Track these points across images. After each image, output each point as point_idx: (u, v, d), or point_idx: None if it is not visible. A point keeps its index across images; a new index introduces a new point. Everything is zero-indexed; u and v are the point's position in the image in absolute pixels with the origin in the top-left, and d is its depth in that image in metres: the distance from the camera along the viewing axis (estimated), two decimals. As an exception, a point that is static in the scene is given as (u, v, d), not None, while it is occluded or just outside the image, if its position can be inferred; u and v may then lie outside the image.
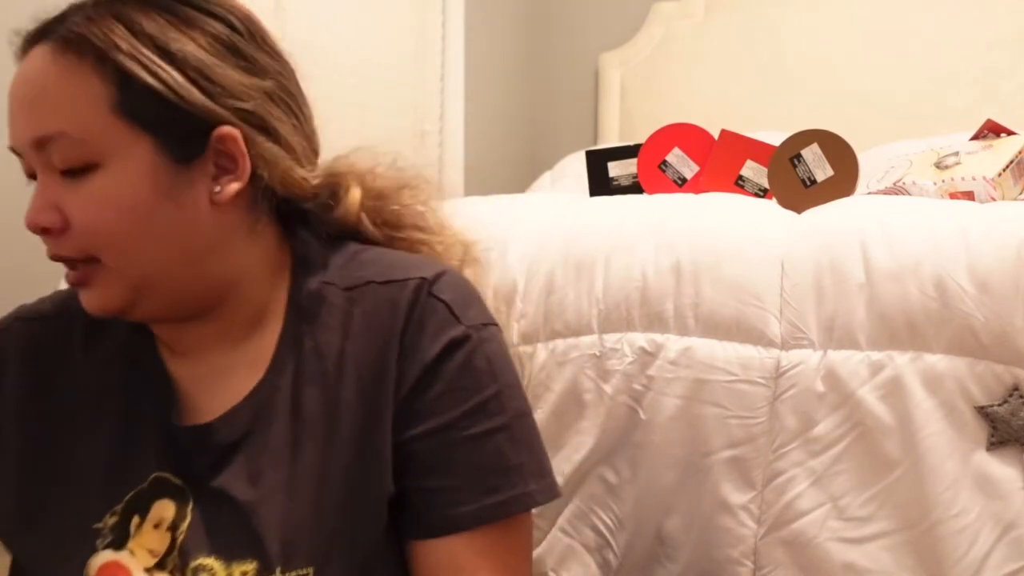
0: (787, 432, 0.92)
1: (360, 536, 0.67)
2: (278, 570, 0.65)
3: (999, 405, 0.86)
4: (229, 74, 0.66)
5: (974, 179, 1.25)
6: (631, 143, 1.57)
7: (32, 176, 0.67)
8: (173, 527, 0.67)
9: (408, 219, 0.79)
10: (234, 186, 0.67)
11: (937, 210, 0.99)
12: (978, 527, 0.86)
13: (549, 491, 0.70)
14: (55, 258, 0.66)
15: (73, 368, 0.73)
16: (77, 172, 0.64)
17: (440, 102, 2.80)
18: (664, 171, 1.43)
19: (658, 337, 0.99)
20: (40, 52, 0.65)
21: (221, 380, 0.71)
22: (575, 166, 2.59)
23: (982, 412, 0.87)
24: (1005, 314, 0.86)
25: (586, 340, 1.03)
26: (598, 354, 1.02)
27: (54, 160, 0.64)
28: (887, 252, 0.92)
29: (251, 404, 0.69)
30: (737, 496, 0.94)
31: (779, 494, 0.92)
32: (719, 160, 1.38)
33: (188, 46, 0.65)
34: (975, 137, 1.41)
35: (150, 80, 0.63)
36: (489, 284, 1.07)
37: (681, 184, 1.42)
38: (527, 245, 1.11)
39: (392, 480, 0.67)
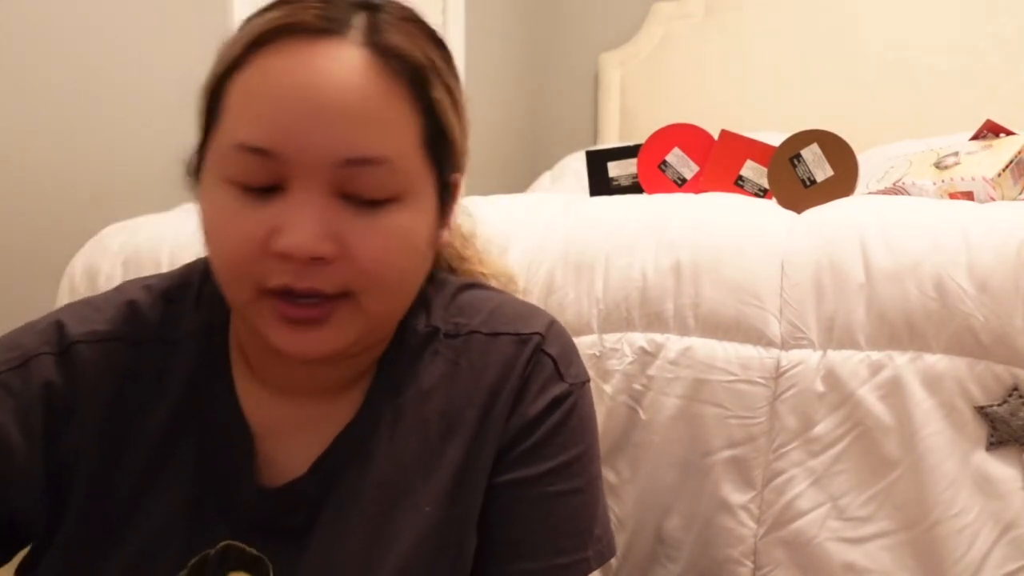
0: (787, 432, 0.92)
1: None
2: None
3: (999, 405, 0.86)
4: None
5: (974, 179, 1.25)
6: (631, 143, 1.57)
7: (254, 186, 0.56)
8: None
9: (467, 250, 0.78)
10: (447, 232, 0.65)
11: (937, 210, 0.99)
12: (978, 527, 0.86)
13: (605, 554, 0.69)
14: (303, 292, 0.56)
15: (149, 401, 0.64)
16: (378, 203, 0.57)
17: (440, 102, 2.80)
18: (664, 171, 1.43)
19: (658, 337, 0.99)
20: (349, 55, 0.56)
21: (307, 424, 0.65)
22: (575, 166, 2.59)
23: (982, 412, 0.87)
24: (1005, 314, 0.86)
25: (586, 340, 1.03)
26: (598, 354, 1.02)
27: (360, 185, 0.56)
28: (887, 252, 0.92)
29: (344, 447, 0.64)
30: (737, 496, 0.94)
31: (779, 494, 0.92)
32: (719, 160, 1.38)
33: (458, 86, 0.62)
34: (975, 137, 1.41)
35: (451, 118, 0.60)
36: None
37: (681, 184, 1.42)
38: (527, 245, 1.11)
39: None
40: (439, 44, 0.62)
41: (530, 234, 1.13)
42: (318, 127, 0.55)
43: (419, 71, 0.59)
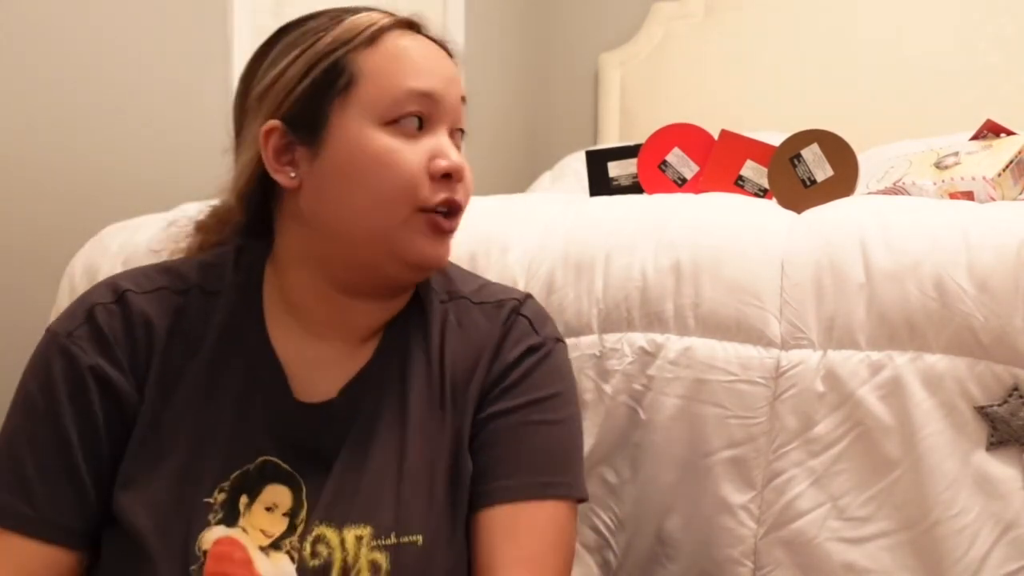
0: (787, 432, 0.92)
1: (458, 512, 0.77)
2: (393, 534, 0.73)
3: (999, 405, 0.86)
4: None
5: (974, 179, 1.25)
6: (631, 143, 1.57)
7: (421, 123, 0.76)
8: (291, 514, 0.73)
9: None
10: None
11: (937, 210, 0.99)
12: (978, 527, 0.86)
13: (578, 490, 0.81)
14: (449, 203, 0.77)
15: (199, 341, 0.77)
16: (460, 135, 0.81)
17: (440, 102, 2.80)
18: (664, 171, 1.43)
19: (658, 337, 0.99)
20: (430, 41, 0.81)
21: (331, 362, 0.79)
22: (575, 166, 2.59)
23: (982, 412, 0.87)
24: (1005, 314, 0.86)
25: (586, 340, 1.03)
26: (598, 354, 1.02)
27: (463, 119, 0.80)
28: (887, 252, 0.92)
29: (364, 381, 0.79)
30: (737, 496, 0.94)
31: (779, 494, 0.92)
32: (719, 160, 1.38)
33: None
34: (975, 137, 1.41)
35: None
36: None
37: (681, 184, 1.42)
38: (527, 245, 1.11)
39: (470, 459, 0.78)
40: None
41: (530, 234, 1.13)
42: (453, 79, 0.79)
43: (453, 59, 0.83)
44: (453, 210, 0.77)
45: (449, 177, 0.76)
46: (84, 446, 0.73)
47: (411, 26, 0.80)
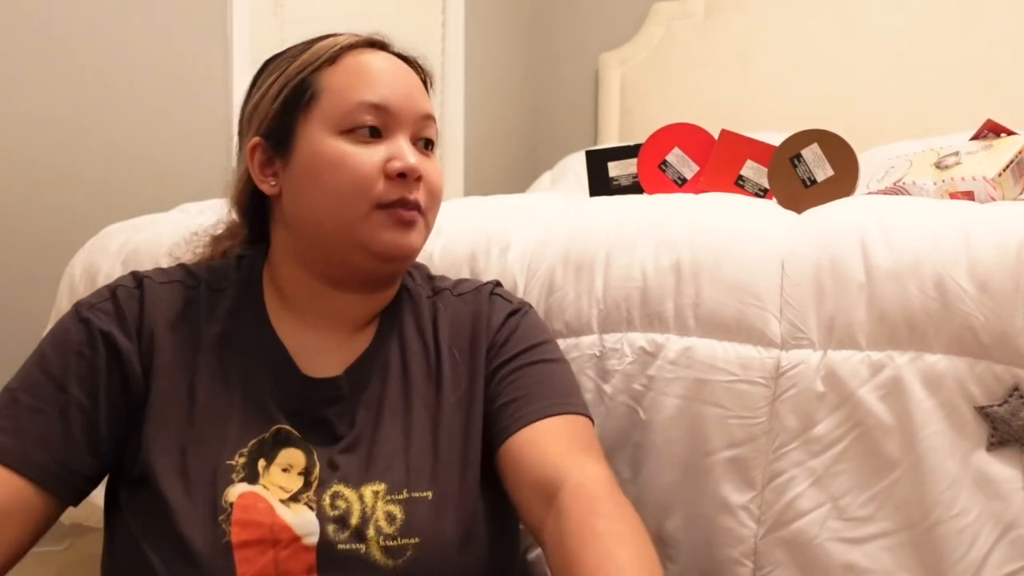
0: (787, 432, 0.92)
1: (468, 471, 0.85)
2: (405, 490, 0.81)
3: (999, 405, 0.86)
4: None
5: (974, 179, 1.25)
6: (631, 143, 1.57)
7: (375, 132, 0.84)
8: (306, 472, 0.81)
9: None
10: None
11: (937, 210, 0.99)
12: (978, 527, 0.86)
13: (588, 414, 0.89)
14: (406, 202, 0.84)
15: (209, 326, 0.85)
16: (430, 150, 0.89)
17: (440, 102, 2.80)
18: (664, 171, 1.43)
19: (658, 337, 0.99)
20: (397, 60, 0.90)
21: (331, 350, 0.87)
22: (575, 166, 2.59)
23: (982, 412, 0.87)
24: (1005, 314, 0.86)
25: (586, 340, 1.03)
26: (598, 354, 1.02)
27: (426, 133, 0.88)
28: (887, 252, 0.92)
29: (367, 363, 0.87)
30: (737, 496, 0.94)
31: (779, 494, 0.92)
32: (719, 160, 1.38)
33: None
34: (975, 137, 1.41)
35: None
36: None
37: (681, 184, 1.42)
38: (527, 245, 1.11)
39: (483, 414, 0.87)
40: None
41: (530, 234, 1.13)
42: (410, 94, 0.87)
43: (428, 76, 0.94)
44: (412, 207, 0.84)
45: (405, 177, 0.83)
46: (81, 397, 0.79)
47: (374, 45, 0.90)
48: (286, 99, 0.86)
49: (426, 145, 0.88)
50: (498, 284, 0.98)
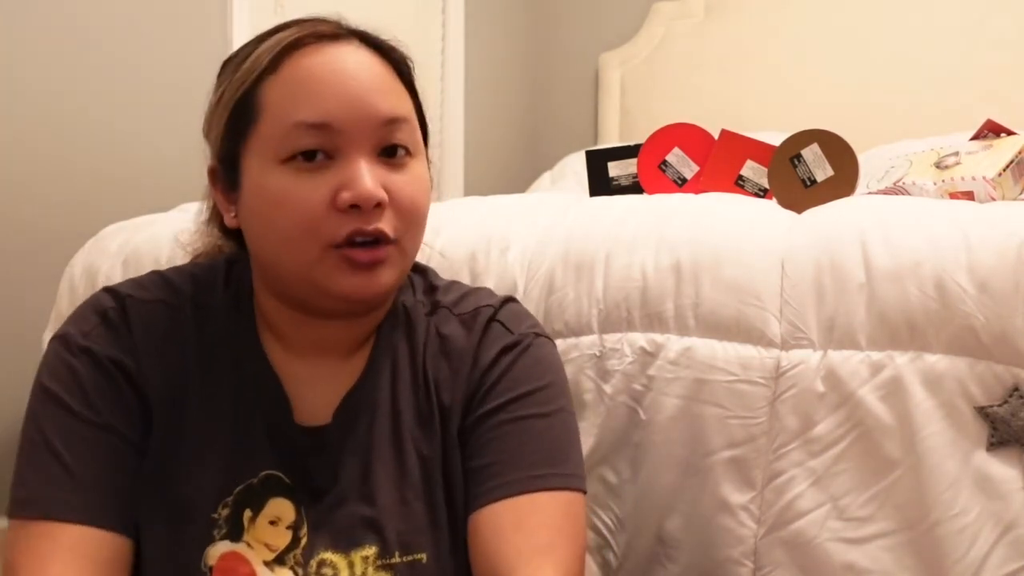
0: (787, 432, 0.92)
1: (459, 525, 0.76)
2: (397, 554, 0.74)
3: (999, 405, 0.86)
4: None
5: (974, 179, 1.25)
6: (631, 143, 1.57)
7: (313, 154, 0.70)
8: (294, 527, 0.74)
9: None
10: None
11: (937, 210, 0.99)
12: (978, 527, 0.86)
13: (578, 479, 0.78)
14: (372, 233, 0.70)
15: (191, 354, 0.76)
16: (403, 161, 0.73)
17: (440, 102, 2.80)
18: (664, 171, 1.43)
19: (658, 337, 0.99)
20: (360, 51, 0.74)
21: (322, 380, 0.78)
22: (575, 166, 2.59)
23: (982, 412, 0.87)
24: (1005, 314, 0.86)
25: (586, 340, 1.03)
26: (598, 354, 1.02)
27: (395, 139, 0.72)
28: (887, 252, 0.92)
29: (356, 402, 0.78)
30: (737, 496, 0.94)
31: (779, 494, 0.92)
32: (719, 160, 1.38)
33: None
34: (975, 137, 1.41)
35: (421, 103, 0.79)
36: (487, 285, 1.07)
37: (681, 184, 1.42)
38: (527, 245, 1.11)
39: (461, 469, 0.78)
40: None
41: (530, 234, 1.13)
42: (362, 100, 0.71)
43: (404, 63, 0.78)
44: (374, 239, 0.71)
45: (359, 208, 0.69)
46: (123, 431, 0.72)
47: (325, 36, 0.73)
48: (229, 122, 0.73)
49: (394, 153, 0.72)
50: (506, 302, 0.84)
